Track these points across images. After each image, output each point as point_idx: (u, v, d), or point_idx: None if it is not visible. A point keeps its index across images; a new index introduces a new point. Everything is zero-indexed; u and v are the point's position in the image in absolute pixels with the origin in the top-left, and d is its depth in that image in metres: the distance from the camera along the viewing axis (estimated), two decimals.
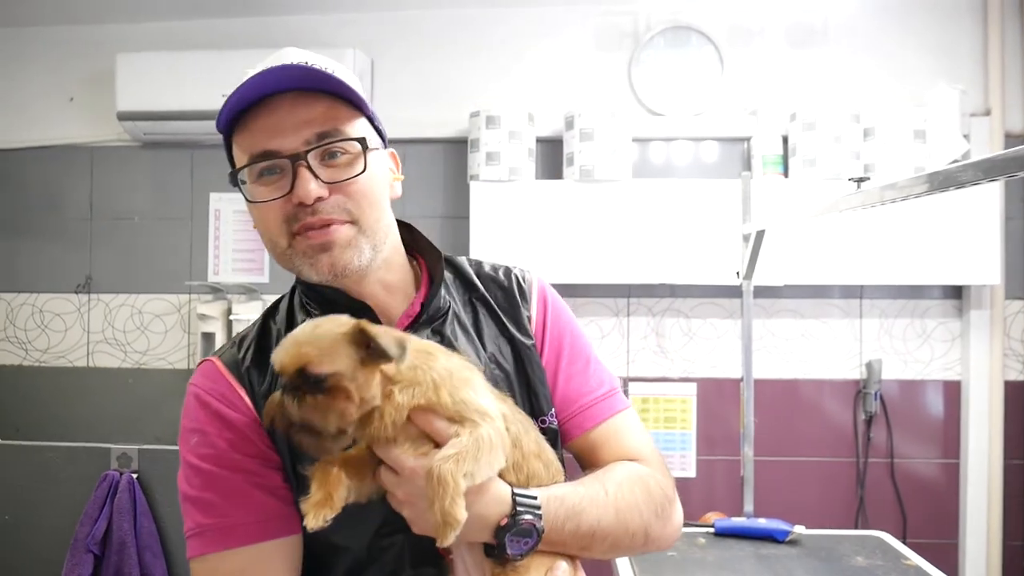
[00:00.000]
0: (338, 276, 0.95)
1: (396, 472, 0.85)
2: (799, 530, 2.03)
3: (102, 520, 2.13)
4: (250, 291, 2.84)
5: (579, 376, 1.08)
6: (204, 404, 0.97)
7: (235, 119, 0.95)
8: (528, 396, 1.04)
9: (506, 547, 0.86)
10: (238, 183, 0.97)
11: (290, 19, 2.87)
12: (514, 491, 0.88)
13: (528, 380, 1.04)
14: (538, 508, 0.88)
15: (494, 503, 0.86)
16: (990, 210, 2.56)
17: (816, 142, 2.59)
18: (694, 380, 2.78)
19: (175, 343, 2.94)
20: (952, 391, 2.73)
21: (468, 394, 0.86)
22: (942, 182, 1.21)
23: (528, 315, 1.09)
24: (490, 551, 0.88)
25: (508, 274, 1.12)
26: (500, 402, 0.91)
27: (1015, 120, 2.70)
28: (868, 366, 2.71)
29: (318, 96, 0.95)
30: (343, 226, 0.94)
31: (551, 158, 2.80)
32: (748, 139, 2.78)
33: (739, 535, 2.06)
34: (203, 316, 2.77)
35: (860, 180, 1.64)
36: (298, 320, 1.01)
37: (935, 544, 2.66)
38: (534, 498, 0.88)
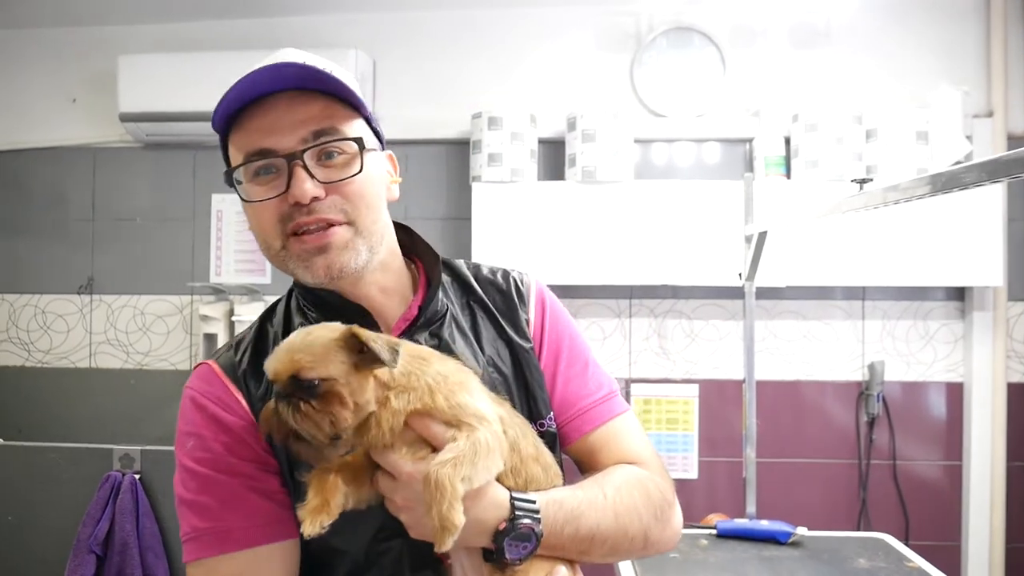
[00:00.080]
0: (334, 278, 0.94)
1: (394, 477, 0.85)
2: (801, 532, 2.03)
3: (104, 521, 2.12)
4: (252, 292, 2.85)
5: (578, 379, 1.07)
6: (200, 407, 0.97)
7: (231, 118, 0.94)
8: (526, 399, 1.03)
9: (505, 551, 0.85)
10: (233, 182, 0.96)
11: (292, 20, 2.86)
12: (512, 495, 0.87)
13: (526, 383, 1.03)
14: (536, 512, 0.87)
15: (492, 507, 0.85)
16: (993, 212, 2.55)
17: (818, 143, 2.58)
18: (696, 381, 2.78)
19: (177, 344, 2.94)
20: (955, 393, 2.72)
21: (464, 398, 0.85)
22: (945, 184, 1.20)
23: (526, 318, 1.08)
24: (489, 556, 0.87)
25: (506, 277, 1.11)
26: (497, 405, 0.91)
27: (1018, 121, 2.69)
28: (870, 368, 2.70)
29: (315, 96, 0.94)
30: (340, 227, 0.93)
31: (553, 159, 2.80)
32: (750, 140, 2.77)
33: (741, 537, 2.05)
34: (205, 317, 2.77)
35: (863, 181, 1.64)
36: (295, 323, 1.01)
37: (937, 546, 2.66)
38: (532, 502, 0.88)
